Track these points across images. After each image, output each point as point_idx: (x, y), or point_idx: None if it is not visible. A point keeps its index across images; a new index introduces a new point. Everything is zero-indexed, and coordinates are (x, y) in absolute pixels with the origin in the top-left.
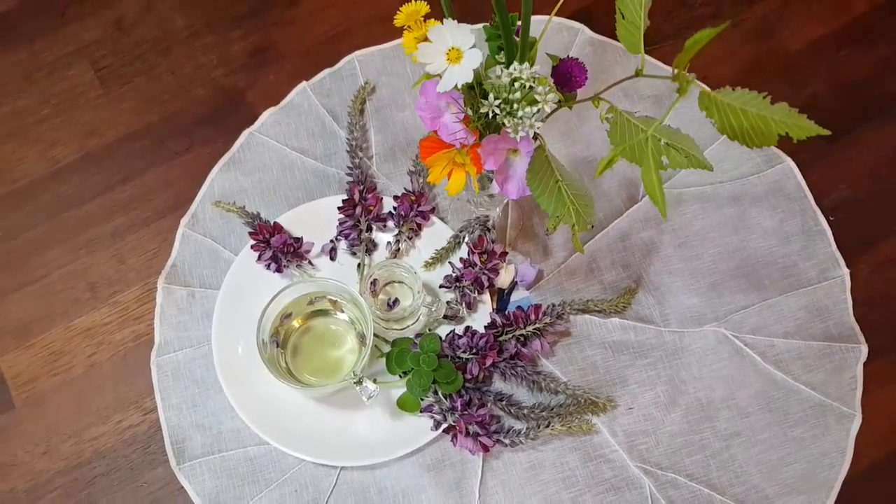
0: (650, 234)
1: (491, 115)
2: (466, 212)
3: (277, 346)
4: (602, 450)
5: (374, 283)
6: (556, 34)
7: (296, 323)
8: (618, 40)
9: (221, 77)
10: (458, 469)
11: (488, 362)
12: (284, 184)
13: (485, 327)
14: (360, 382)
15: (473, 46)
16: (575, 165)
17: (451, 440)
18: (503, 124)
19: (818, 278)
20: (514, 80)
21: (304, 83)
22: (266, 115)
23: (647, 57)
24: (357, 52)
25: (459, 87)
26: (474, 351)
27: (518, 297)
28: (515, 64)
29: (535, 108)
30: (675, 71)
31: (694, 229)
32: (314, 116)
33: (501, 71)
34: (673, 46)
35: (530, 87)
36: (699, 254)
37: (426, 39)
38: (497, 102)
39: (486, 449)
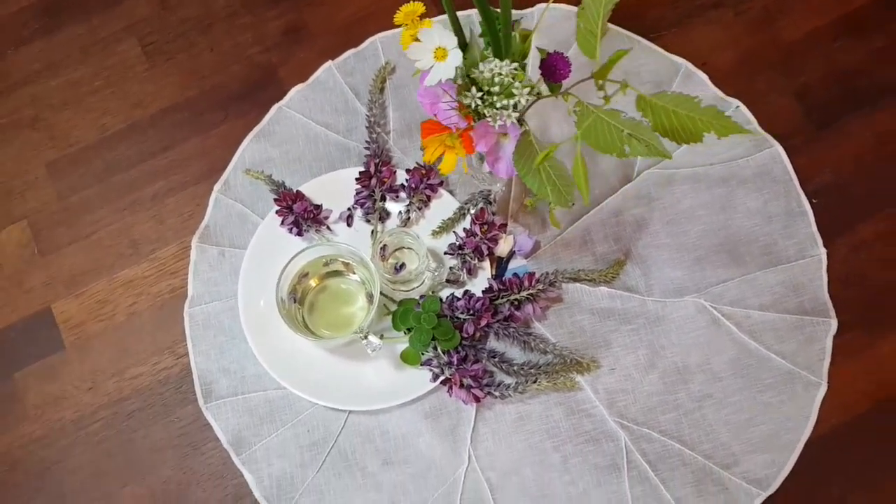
0: (642, 211)
1: (473, 105)
2: (473, 186)
3: (295, 302)
4: (584, 405)
5: (383, 248)
6: (561, 21)
7: (313, 282)
8: (618, 25)
9: (256, 54)
10: (453, 417)
11: (483, 323)
12: (309, 155)
13: (482, 291)
14: (365, 337)
15: (456, 47)
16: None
17: (448, 391)
18: (484, 115)
19: (796, 256)
20: (495, 75)
21: (329, 62)
22: (294, 91)
23: (651, 44)
24: (380, 34)
25: (444, 80)
26: (471, 312)
27: (515, 265)
28: (496, 61)
29: (511, 101)
30: (599, 82)
31: (683, 207)
32: (338, 93)
33: (484, 66)
34: (676, 35)
35: (509, 82)
36: (686, 230)
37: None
38: (479, 95)
39: (477, 400)
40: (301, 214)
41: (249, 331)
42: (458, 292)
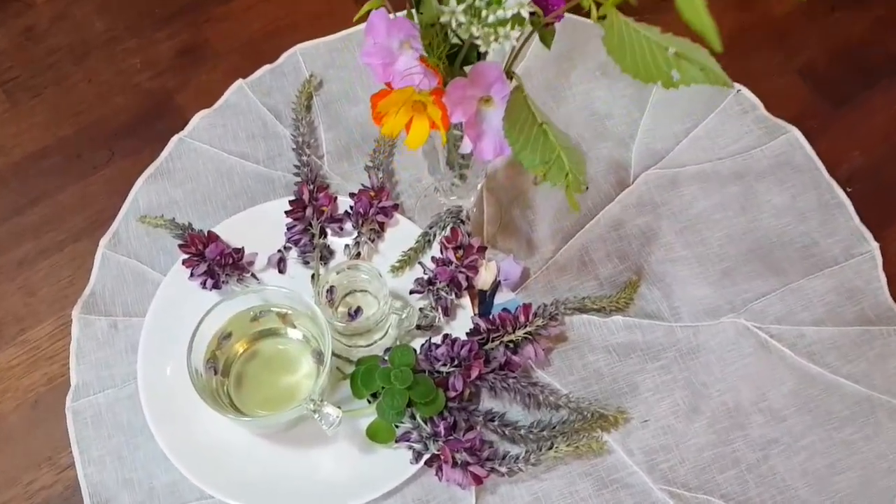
0: (646, 220)
1: (455, 24)
2: (436, 207)
3: (216, 374)
4: (618, 473)
5: (330, 290)
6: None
7: (239, 347)
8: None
9: (146, 81)
10: None
11: (473, 374)
12: (222, 192)
13: (466, 334)
14: (318, 409)
15: None
16: None
17: (436, 473)
18: (471, 35)
19: (844, 256)
20: None
21: (240, 81)
22: (198, 119)
23: None
24: (300, 46)
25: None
26: (456, 362)
27: (502, 299)
28: None
29: (507, 13)
30: None
31: (695, 212)
32: (254, 117)
33: None
34: (655, 19)
35: None
36: (705, 238)
37: None
38: (462, 7)
39: (478, 481)
40: (216, 261)
41: (156, 423)
42: (436, 338)
